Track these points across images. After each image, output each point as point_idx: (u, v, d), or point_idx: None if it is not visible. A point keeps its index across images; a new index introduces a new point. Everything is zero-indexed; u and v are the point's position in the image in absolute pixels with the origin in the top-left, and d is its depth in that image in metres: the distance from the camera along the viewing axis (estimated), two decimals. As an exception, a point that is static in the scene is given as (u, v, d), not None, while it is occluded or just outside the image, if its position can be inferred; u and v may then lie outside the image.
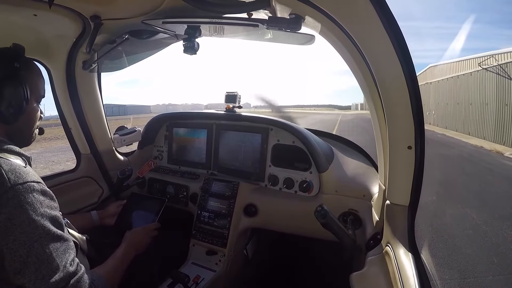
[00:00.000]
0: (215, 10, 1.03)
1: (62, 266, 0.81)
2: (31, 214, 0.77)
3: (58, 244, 0.82)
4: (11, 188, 0.76)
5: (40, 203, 0.80)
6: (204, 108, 69.37)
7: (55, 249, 0.81)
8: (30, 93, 0.98)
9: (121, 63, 1.86)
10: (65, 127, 1.80)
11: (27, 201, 0.77)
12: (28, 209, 0.77)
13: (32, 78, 1.01)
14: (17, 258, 0.75)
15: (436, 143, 13.30)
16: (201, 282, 1.51)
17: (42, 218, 0.79)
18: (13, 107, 0.93)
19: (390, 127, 0.91)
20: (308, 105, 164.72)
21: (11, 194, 0.76)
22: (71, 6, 1.20)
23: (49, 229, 0.80)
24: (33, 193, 0.80)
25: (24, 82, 0.96)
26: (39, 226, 0.78)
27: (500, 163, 9.51)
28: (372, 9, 0.73)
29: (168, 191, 2.01)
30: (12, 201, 0.76)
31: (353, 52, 0.91)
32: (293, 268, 2.17)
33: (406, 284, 0.82)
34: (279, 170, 1.82)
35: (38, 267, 0.77)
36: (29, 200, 0.78)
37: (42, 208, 0.80)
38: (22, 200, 0.77)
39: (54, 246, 0.81)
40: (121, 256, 1.19)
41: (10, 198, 0.75)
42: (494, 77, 14.48)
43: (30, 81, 0.99)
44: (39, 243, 0.78)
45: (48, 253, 0.79)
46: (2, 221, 0.74)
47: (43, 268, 0.78)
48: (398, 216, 1.00)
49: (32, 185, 0.81)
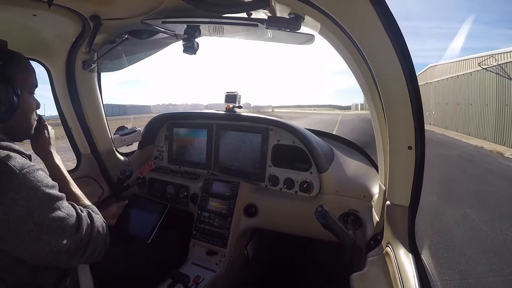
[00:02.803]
0: (214, 10, 1.03)
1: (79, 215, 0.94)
2: (43, 189, 0.85)
3: (66, 203, 0.93)
4: (20, 173, 0.82)
5: (45, 177, 0.89)
6: (204, 108, 69.38)
7: (68, 207, 0.92)
8: (20, 87, 0.97)
9: (121, 63, 1.86)
10: (65, 127, 1.80)
11: (36, 180, 0.85)
12: (40, 186, 0.85)
13: (19, 72, 0.98)
14: (45, 230, 0.84)
15: (436, 143, 13.30)
16: (201, 283, 1.51)
17: (52, 188, 0.89)
18: (4, 105, 0.93)
19: (390, 127, 0.91)
20: (308, 105, 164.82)
21: (22, 179, 0.81)
22: (71, 6, 1.20)
23: (58, 195, 0.91)
24: (38, 171, 0.87)
25: (11, 78, 0.94)
26: (54, 196, 0.88)
27: (500, 164, 9.51)
28: (372, 9, 0.73)
29: (168, 191, 2.01)
30: (24, 185, 0.82)
31: (353, 51, 0.91)
32: (294, 268, 2.17)
33: (407, 284, 0.82)
34: (279, 170, 1.82)
35: (64, 227, 0.88)
36: (38, 178, 0.85)
37: (48, 181, 0.89)
38: (33, 180, 0.84)
39: (66, 205, 0.92)
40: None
41: (22, 183, 0.81)
42: (494, 77, 14.48)
43: (17, 75, 0.97)
44: (57, 209, 0.88)
45: (66, 212, 0.90)
46: (23, 205, 0.80)
47: (69, 226, 0.89)
48: (399, 216, 1.00)
49: (33, 166, 0.87)
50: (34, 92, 1.07)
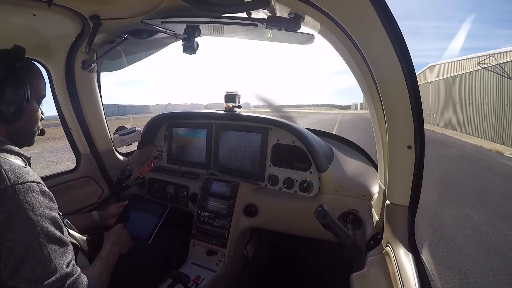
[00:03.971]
0: (214, 9, 1.03)
1: (59, 268, 0.80)
2: (30, 214, 0.77)
3: (56, 246, 0.82)
4: (10, 187, 0.76)
5: (39, 203, 0.80)
6: (203, 108, 69.33)
7: (53, 251, 0.81)
8: (31, 93, 0.99)
9: (121, 63, 1.85)
10: (65, 127, 1.80)
11: (26, 201, 0.77)
12: (27, 208, 0.77)
13: (32, 79, 1.02)
14: (14, 257, 0.75)
15: (436, 142, 13.31)
16: (201, 282, 1.51)
17: (41, 218, 0.79)
18: (13, 106, 0.94)
19: (390, 127, 0.91)
20: (307, 105, 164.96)
21: (10, 193, 0.76)
22: (70, 6, 1.20)
23: (48, 230, 0.80)
24: (33, 193, 0.79)
25: (25, 82, 0.97)
26: (38, 226, 0.78)
27: (499, 163, 9.51)
28: (372, 8, 0.73)
29: (168, 191, 2.01)
30: (12, 200, 0.76)
31: (353, 51, 0.91)
32: (293, 268, 2.17)
33: (406, 284, 0.82)
34: (279, 170, 1.82)
35: (34, 267, 0.77)
36: (28, 200, 0.78)
37: (41, 209, 0.80)
38: (22, 200, 0.76)
39: (52, 247, 0.80)
40: (106, 256, 1.20)
41: (10, 197, 0.76)
42: (494, 76, 14.48)
43: (30, 82, 1.00)
44: (37, 243, 0.78)
45: (46, 254, 0.78)
46: (1, 220, 0.74)
47: (39, 268, 0.77)
48: (398, 216, 1.00)
49: (32, 185, 0.81)
50: (41, 103, 1.08)
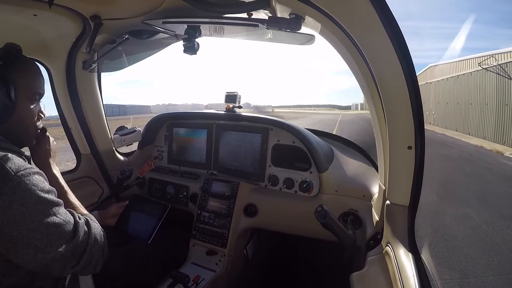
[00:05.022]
0: (215, 10, 1.03)
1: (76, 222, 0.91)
2: (39, 193, 0.83)
3: (62, 209, 0.90)
4: (15, 176, 0.80)
5: (42, 181, 0.86)
6: (204, 108, 69.34)
7: (65, 213, 0.90)
8: (17, 91, 0.94)
9: (121, 63, 1.86)
10: (65, 127, 1.80)
11: (32, 183, 0.82)
12: (35, 189, 0.82)
13: (19, 76, 0.95)
14: (39, 235, 0.81)
15: (436, 143, 13.29)
16: (201, 282, 1.51)
17: (48, 193, 0.86)
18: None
19: (390, 127, 0.91)
20: (308, 105, 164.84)
21: (16, 182, 0.79)
22: (71, 6, 1.20)
23: (55, 200, 0.88)
24: (34, 175, 0.85)
25: (8, 81, 0.92)
26: (49, 201, 0.85)
27: (500, 163, 9.51)
28: (372, 9, 0.73)
29: (168, 191, 2.02)
30: (19, 187, 0.79)
31: (353, 52, 0.91)
32: (293, 268, 2.17)
33: (406, 284, 0.82)
34: (279, 170, 1.82)
35: (60, 233, 0.85)
36: (33, 181, 0.83)
37: (44, 185, 0.87)
38: (28, 183, 0.81)
39: (63, 211, 0.90)
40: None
41: (17, 185, 0.79)
42: (494, 77, 14.48)
43: (16, 79, 0.94)
44: (53, 214, 0.85)
45: (63, 219, 0.87)
46: (17, 208, 0.78)
47: (64, 232, 0.86)
48: (398, 216, 1.00)
49: (30, 169, 0.86)
50: (38, 100, 1.04)
